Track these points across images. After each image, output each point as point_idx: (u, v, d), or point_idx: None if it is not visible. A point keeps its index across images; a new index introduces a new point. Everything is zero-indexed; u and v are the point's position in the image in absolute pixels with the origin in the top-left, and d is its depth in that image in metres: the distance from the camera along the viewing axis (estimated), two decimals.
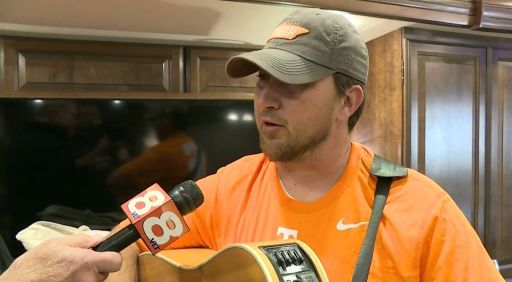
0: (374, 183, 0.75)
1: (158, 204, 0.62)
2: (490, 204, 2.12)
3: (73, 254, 0.56)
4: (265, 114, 0.72)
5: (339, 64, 0.71)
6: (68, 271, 0.55)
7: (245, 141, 2.16)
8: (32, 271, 0.54)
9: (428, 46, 1.98)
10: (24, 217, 1.78)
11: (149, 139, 2.07)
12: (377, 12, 1.76)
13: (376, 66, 2.08)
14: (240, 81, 2.26)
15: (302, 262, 0.62)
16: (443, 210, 0.70)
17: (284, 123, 0.71)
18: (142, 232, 0.61)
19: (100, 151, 1.96)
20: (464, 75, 2.05)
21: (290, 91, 0.70)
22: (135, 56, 2.07)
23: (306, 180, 0.78)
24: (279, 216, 0.78)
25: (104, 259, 0.58)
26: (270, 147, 0.73)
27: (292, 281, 0.58)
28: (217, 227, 0.85)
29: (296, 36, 0.70)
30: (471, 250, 0.68)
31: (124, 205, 0.63)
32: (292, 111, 0.70)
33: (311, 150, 0.74)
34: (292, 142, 0.71)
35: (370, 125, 2.13)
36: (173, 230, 0.63)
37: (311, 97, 0.70)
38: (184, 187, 0.66)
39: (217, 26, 1.90)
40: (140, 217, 0.61)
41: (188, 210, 0.66)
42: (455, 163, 2.04)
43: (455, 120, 2.04)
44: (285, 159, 0.74)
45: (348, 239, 0.71)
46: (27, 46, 1.93)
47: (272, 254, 0.61)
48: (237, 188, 0.86)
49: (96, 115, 1.96)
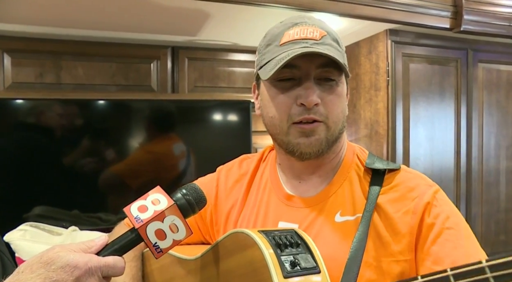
0: (368, 176, 0.78)
1: (161, 208, 0.61)
2: (471, 201, 2.19)
3: (77, 259, 0.56)
4: (307, 112, 0.72)
5: (346, 62, 0.77)
6: (72, 276, 0.54)
7: (233, 141, 2.18)
8: (36, 275, 0.54)
9: (412, 48, 2.03)
10: (10, 218, 1.75)
11: (137, 139, 2.06)
12: (363, 15, 1.81)
13: (362, 67, 2.12)
14: (228, 82, 2.28)
15: (299, 245, 0.65)
16: (434, 197, 0.73)
17: (325, 118, 0.73)
18: (145, 237, 0.61)
19: (87, 151, 1.95)
20: (447, 76, 2.12)
21: (326, 87, 0.73)
22: (124, 57, 2.07)
23: (309, 175, 0.81)
24: (279, 211, 0.80)
25: (107, 264, 0.58)
26: (310, 145, 0.73)
27: (289, 261, 0.62)
28: (216, 224, 0.88)
29: (321, 37, 0.74)
30: (460, 232, 0.71)
31: (126, 208, 0.62)
32: (332, 105, 0.73)
33: (336, 143, 0.78)
34: (329, 136, 0.74)
35: (356, 125, 2.18)
36: (176, 234, 0.62)
37: (341, 92, 0.76)
38: (187, 190, 0.65)
39: (206, 27, 1.91)
40: (143, 222, 0.60)
41: (191, 213, 0.65)
42: (438, 161, 2.10)
43: (438, 120, 2.10)
44: (322, 154, 0.76)
45: (345, 230, 0.74)
46: (13, 45, 1.91)
47: (270, 237, 0.64)
48: (236, 186, 0.88)
49: (84, 116, 1.94)
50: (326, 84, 0.74)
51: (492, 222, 2.26)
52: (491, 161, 2.25)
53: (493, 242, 2.27)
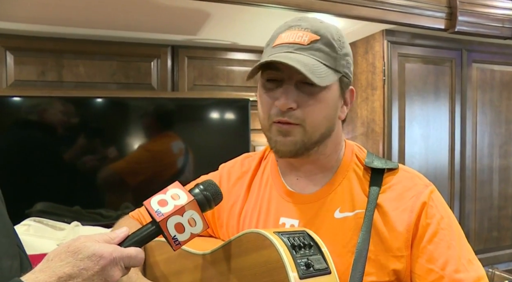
0: (368, 175, 0.82)
1: (181, 203, 0.64)
2: (465, 198, 2.23)
3: (103, 249, 0.59)
4: (281, 115, 0.75)
5: (343, 68, 0.78)
6: (98, 265, 0.57)
7: (232, 139, 2.21)
8: (65, 264, 0.57)
9: (408, 48, 2.07)
10: (13, 214, 1.76)
11: (137, 137, 2.08)
12: (361, 15, 1.84)
13: (359, 66, 2.16)
14: (227, 80, 2.31)
15: (312, 247, 0.69)
16: (430, 197, 0.78)
17: (302, 122, 0.75)
18: (165, 230, 0.64)
19: (88, 149, 1.97)
20: (441, 76, 2.15)
21: (306, 92, 0.74)
22: (124, 55, 2.10)
23: (308, 174, 0.84)
24: (280, 207, 0.84)
25: (129, 255, 0.61)
26: (285, 144, 0.76)
27: (303, 262, 0.65)
28: (219, 219, 0.91)
29: (310, 42, 0.75)
30: (453, 233, 0.76)
31: (146, 201, 0.66)
32: (311, 111, 0.74)
33: (319, 146, 0.80)
34: (306, 139, 0.76)
35: (353, 123, 2.22)
36: (194, 227, 0.65)
37: (326, 97, 0.76)
38: (205, 186, 0.69)
39: (206, 26, 1.94)
40: (164, 215, 0.63)
41: (208, 208, 0.68)
42: (433, 159, 2.14)
43: (433, 119, 2.14)
44: (298, 155, 0.78)
45: (345, 226, 0.78)
46: (16, 44, 1.93)
47: (286, 238, 0.66)
48: (238, 183, 0.92)
49: (85, 113, 1.97)
50: (307, 89, 0.75)
51: (485, 219, 2.31)
52: (485, 159, 2.29)
53: (486, 238, 2.32)
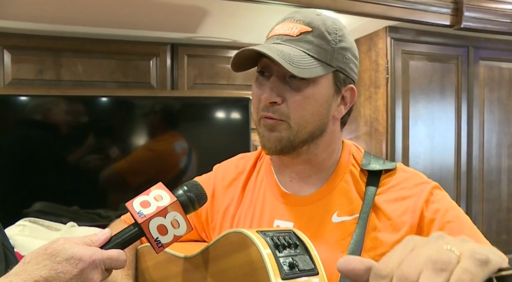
0: (365, 177, 0.78)
1: (164, 204, 0.63)
2: (471, 199, 2.17)
3: (82, 252, 0.57)
4: (266, 109, 0.72)
5: (338, 63, 0.74)
6: (76, 268, 0.56)
7: (234, 138, 2.18)
8: (41, 267, 0.55)
9: (412, 45, 2.02)
10: (11, 214, 1.77)
11: (137, 136, 2.07)
12: (363, 11, 1.80)
13: (362, 64, 2.11)
14: (227, 79, 2.27)
15: (297, 246, 0.64)
16: (431, 193, 0.73)
17: (286, 118, 0.72)
18: (147, 232, 0.62)
19: (87, 148, 1.95)
20: (447, 74, 2.10)
21: (293, 86, 0.71)
22: (123, 54, 2.08)
23: (301, 175, 0.80)
24: (275, 209, 0.80)
25: (110, 257, 0.59)
26: (269, 140, 0.73)
27: (287, 262, 0.61)
28: (212, 222, 0.87)
29: (300, 33, 0.72)
30: (462, 224, 0.70)
31: (128, 203, 0.64)
32: (296, 106, 0.71)
33: (309, 145, 0.76)
34: (292, 136, 0.73)
35: (356, 122, 2.17)
36: (177, 229, 0.63)
37: (313, 93, 0.72)
38: (188, 187, 0.66)
39: (205, 24, 1.91)
40: (146, 217, 0.61)
41: (192, 209, 0.66)
42: (438, 159, 2.09)
43: (438, 118, 2.09)
44: (284, 152, 0.75)
45: (343, 230, 0.73)
46: (13, 42, 1.92)
47: (269, 238, 0.63)
48: (233, 184, 0.88)
49: (84, 112, 1.95)
50: (294, 83, 0.72)
51: (494, 221, 2.25)
52: (492, 159, 2.23)
53: (494, 241, 2.22)
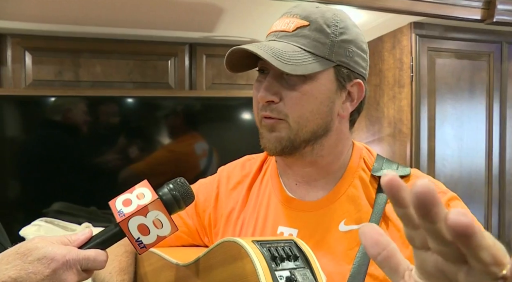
0: (375, 183, 0.73)
1: (144, 202, 0.60)
2: (504, 205, 2.04)
3: (55, 251, 0.55)
4: (264, 109, 0.70)
5: (340, 57, 0.70)
6: (48, 268, 0.54)
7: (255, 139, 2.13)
8: (11, 267, 0.53)
9: (439, 42, 1.92)
10: (31, 213, 1.79)
11: (157, 137, 2.07)
12: (386, 7, 1.71)
13: (385, 62, 2.02)
14: (246, 79, 2.23)
15: (298, 258, 0.59)
16: (449, 206, 0.67)
17: (285, 116, 0.69)
18: (127, 231, 0.59)
19: (106, 148, 1.97)
20: (477, 71, 1.98)
21: (290, 84, 0.69)
22: (141, 54, 2.07)
23: (307, 178, 0.76)
24: (279, 215, 0.76)
25: (87, 257, 0.57)
26: (269, 141, 0.71)
27: (284, 277, 0.56)
28: (215, 226, 0.84)
29: (296, 28, 0.69)
30: None
31: (111, 201, 0.61)
32: (293, 104, 0.68)
33: (312, 145, 0.72)
34: (292, 135, 0.70)
35: (379, 123, 2.08)
36: (161, 230, 0.60)
37: (311, 89, 0.68)
38: (174, 185, 0.63)
39: (222, 22, 1.88)
40: (125, 216, 0.59)
41: (177, 208, 0.62)
42: (467, 163, 1.97)
43: (468, 119, 1.97)
44: (285, 153, 0.72)
45: (350, 240, 0.69)
46: (34, 44, 1.94)
47: (265, 249, 0.59)
48: (238, 187, 0.84)
49: (103, 113, 1.97)
50: (291, 80, 0.68)
51: None
52: None
53: None
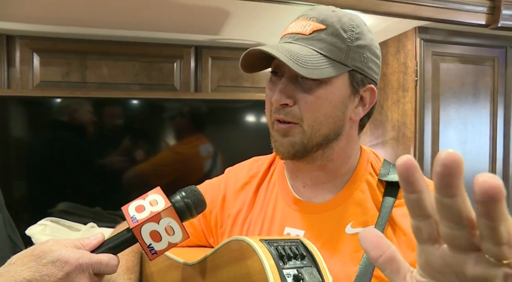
0: (382, 186, 0.73)
1: (157, 209, 0.60)
2: (509, 212, 2.04)
3: (69, 255, 0.56)
4: (278, 112, 0.70)
5: (355, 62, 0.70)
6: (62, 271, 0.54)
7: (260, 142, 2.14)
8: (26, 268, 0.54)
9: (443, 46, 1.92)
10: (36, 213, 1.81)
11: (162, 138, 2.08)
12: (390, 11, 1.72)
13: (390, 66, 2.03)
14: (251, 81, 2.25)
15: (304, 257, 0.60)
16: None
17: (299, 120, 0.69)
18: (139, 237, 0.60)
19: (112, 149, 1.98)
20: (481, 76, 1.98)
21: (305, 87, 0.68)
22: (147, 56, 2.09)
23: (315, 181, 0.76)
24: (286, 216, 0.76)
25: (99, 261, 0.58)
26: (282, 145, 0.71)
27: (292, 274, 0.56)
28: (221, 227, 0.84)
29: (312, 31, 0.69)
30: None
31: (124, 207, 0.62)
32: (308, 108, 0.68)
33: (323, 149, 0.72)
34: (306, 140, 0.70)
35: (383, 127, 2.09)
36: (172, 236, 0.61)
37: (326, 94, 0.68)
38: (186, 193, 0.64)
39: (228, 25, 1.89)
40: (139, 222, 0.60)
41: (189, 216, 0.63)
42: (471, 167, 1.97)
43: (471, 123, 1.97)
44: (297, 157, 0.72)
45: (356, 242, 0.69)
46: (42, 45, 1.96)
47: (273, 247, 0.59)
48: (245, 189, 0.84)
49: (108, 114, 1.98)
50: (306, 84, 0.68)
51: None
52: None
53: None
